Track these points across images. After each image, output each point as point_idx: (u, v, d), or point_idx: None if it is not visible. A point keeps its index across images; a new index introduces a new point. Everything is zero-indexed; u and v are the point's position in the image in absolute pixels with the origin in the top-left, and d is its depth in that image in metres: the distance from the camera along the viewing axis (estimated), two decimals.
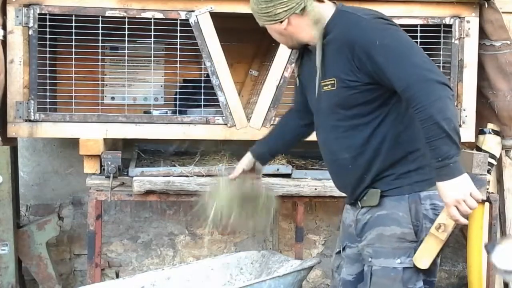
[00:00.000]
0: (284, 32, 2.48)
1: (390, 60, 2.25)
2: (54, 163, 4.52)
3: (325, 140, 2.55)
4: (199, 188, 3.55)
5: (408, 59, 2.25)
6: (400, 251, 2.38)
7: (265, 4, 2.44)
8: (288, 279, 2.98)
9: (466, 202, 2.19)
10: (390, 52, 2.26)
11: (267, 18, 2.47)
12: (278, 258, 3.35)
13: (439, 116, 2.16)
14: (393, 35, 2.32)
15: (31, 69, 3.57)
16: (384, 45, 2.27)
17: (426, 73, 2.22)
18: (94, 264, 3.65)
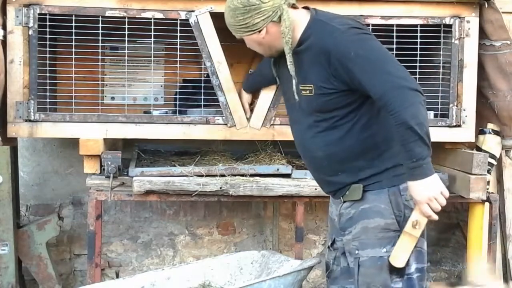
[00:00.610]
0: (262, 41, 2.56)
1: (365, 70, 2.37)
2: (54, 163, 4.52)
3: (301, 137, 2.66)
4: (199, 188, 3.55)
5: (382, 68, 2.37)
6: (385, 240, 2.49)
7: (242, 16, 2.51)
8: (288, 279, 2.97)
9: (438, 200, 2.36)
10: (365, 62, 2.38)
11: (245, 30, 2.55)
12: (278, 258, 3.35)
13: (412, 121, 2.29)
14: (367, 45, 2.43)
15: (31, 69, 3.57)
16: (359, 56, 2.38)
17: (399, 81, 2.34)
18: (94, 264, 3.65)
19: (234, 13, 2.52)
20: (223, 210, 4.59)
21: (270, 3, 2.47)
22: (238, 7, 2.50)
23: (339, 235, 2.67)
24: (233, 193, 3.59)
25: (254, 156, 3.99)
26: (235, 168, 3.71)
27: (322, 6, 3.67)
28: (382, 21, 3.73)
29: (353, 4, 3.71)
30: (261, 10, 2.47)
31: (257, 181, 3.62)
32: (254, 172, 3.71)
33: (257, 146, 4.05)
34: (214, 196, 3.65)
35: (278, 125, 3.75)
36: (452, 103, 3.76)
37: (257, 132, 3.73)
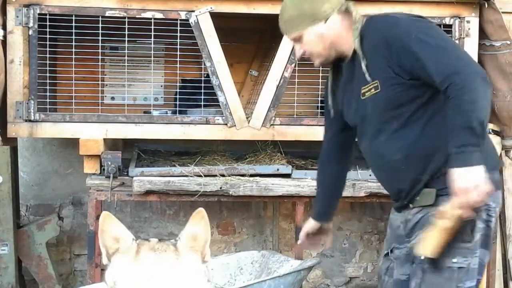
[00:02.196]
0: (325, 35, 2.42)
1: (427, 52, 2.24)
2: (54, 163, 4.52)
3: (372, 145, 2.48)
4: (199, 188, 3.55)
5: (445, 51, 2.24)
6: (455, 250, 2.33)
7: (307, 4, 2.39)
8: (288, 279, 2.97)
9: (474, 194, 2.14)
10: (427, 44, 2.25)
11: (310, 18, 2.40)
12: (278, 258, 3.35)
13: (469, 106, 2.14)
14: (428, 28, 2.31)
15: (31, 69, 3.57)
16: (420, 38, 2.25)
17: (463, 65, 2.20)
18: (94, 264, 3.65)
19: (299, 1, 2.40)
20: (223, 210, 4.59)
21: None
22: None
23: (403, 242, 2.51)
24: (233, 193, 3.59)
25: (254, 156, 3.99)
26: (235, 168, 3.71)
27: None
28: None
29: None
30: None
31: (257, 181, 3.62)
32: (254, 172, 3.71)
33: (257, 146, 4.05)
34: (214, 196, 3.65)
35: (278, 125, 3.75)
36: None
37: (257, 132, 3.73)
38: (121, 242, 1.67)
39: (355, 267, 4.73)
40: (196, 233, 1.70)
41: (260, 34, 4.40)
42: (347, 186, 3.63)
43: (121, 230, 1.70)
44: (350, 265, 4.73)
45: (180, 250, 1.66)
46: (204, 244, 1.69)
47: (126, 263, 1.63)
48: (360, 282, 4.75)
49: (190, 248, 1.67)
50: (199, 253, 1.68)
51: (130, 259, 1.63)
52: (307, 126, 3.77)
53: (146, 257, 1.63)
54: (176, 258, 1.63)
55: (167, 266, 1.61)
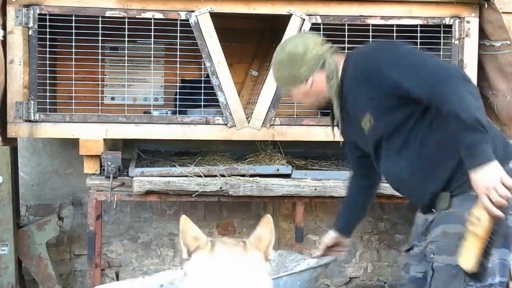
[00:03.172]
0: (310, 91, 2.57)
1: (404, 75, 2.34)
2: (54, 163, 4.52)
3: (386, 168, 2.58)
4: (199, 188, 3.55)
5: (419, 68, 2.34)
6: None
7: (288, 68, 2.54)
8: (305, 275, 2.99)
9: (497, 190, 2.14)
10: (401, 67, 2.36)
11: (292, 82, 2.57)
12: (295, 257, 3.37)
13: (459, 108, 2.20)
14: (399, 51, 2.43)
15: (31, 69, 3.57)
16: (393, 63, 2.37)
17: (438, 74, 2.29)
18: (94, 264, 3.65)
19: (280, 66, 2.57)
20: (223, 210, 4.59)
21: (314, 52, 2.51)
22: (283, 59, 2.55)
23: (420, 240, 2.56)
24: (233, 193, 3.59)
25: (254, 156, 3.99)
26: (235, 169, 3.71)
27: (323, 7, 3.69)
28: (382, 21, 3.73)
29: (353, 4, 3.71)
30: (306, 59, 2.51)
31: (257, 181, 3.62)
32: (254, 172, 3.71)
33: (257, 146, 4.05)
34: (214, 196, 3.65)
35: (278, 125, 3.75)
36: None
37: (257, 132, 3.73)
38: (200, 241, 1.93)
39: (355, 267, 4.73)
40: (262, 235, 1.97)
41: (260, 34, 4.40)
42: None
43: (198, 231, 1.94)
44: (350, 265, 4.72)
45: (248, 247, 1.93)
46: (267, 245, 1.96)
47: (205, 257, 1.90)
48: (360, 282, 4.75)
49: (256, 246, 1.94)
50: (263, 252, 1.95)
51: (207, 253, 1.90)
52: (307, 126, 3.77)
53: (220, 250, 1.90)
54: (243, 252, 1.90)
55: (237, 258, 1.88)
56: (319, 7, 3.70)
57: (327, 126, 3.71)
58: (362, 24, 3.73)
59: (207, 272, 1.86)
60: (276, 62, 2.59)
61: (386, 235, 4.72)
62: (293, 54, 2.52)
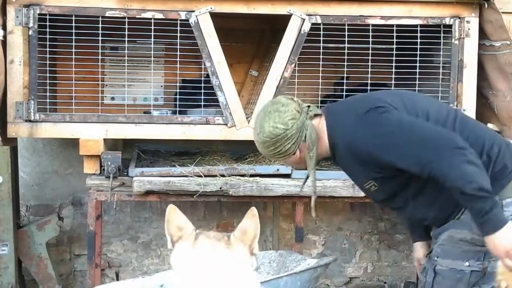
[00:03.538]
0: (299, 160, 2.55)
1: (394, 154, 2.32)
2: (54, 163, 4.52)
3: (407, 215, 2.63)
4: (199, 188, 3.55)
5: (408, 145, 2.30)
6: (470, 254, 2.39)
7: (273, 147, 2.50)
8: (305, 276, 2.99)
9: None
10: (389, 148, 2.32)
11: (280, 156, 2.55)
12: (295, 257, 3.37)
13: (460, 183, 2.22)
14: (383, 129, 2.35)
15: (31, 69, 3.57)
16: (379, 144, 2.33)
17: (431, 151, 2.27)
18: (94, 264, 3.65)
19: (264, 146, 2.54)
20: (223, 210, 4.59)
21: (295, 127, 2.47)
22: (265, 140, 2.50)
23: (434, 243, 2.59)
24: (233, 193, 3.59)
25: (254, 156, 3.99)
26: (235, 168, 3.71)
27: (323, 7, 3.69)
28: (382, 21, 3.73)
29: (353, 4, 3.71)
30: (289, 136, 2.47)
31: (257, 181, 3.62)
32: (254, 172, 3.71)
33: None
34: (214, 196, 3.65)
35: None
36: (452, 103, 3.75)
37: None
38: (184, 230, 1.93)
39: (355, 267, 4.73)
40: (247, 228, 1.92)
41: (260, 34, 4.40)
42: (347, 186, 3.65)
43: (183, 221, 1.95)
44: (350, 265, 4.72)
45: (232, 241, 1.90)
46: (252, 238, 1.92)
47: (186, 248, 1.89)
48: (360, 282, 4.75)
49: (241, 240, 1.91)
50: (248, 246, 1.92)
51: (189, 245, 1.89)
52: None
53: (203, 243, 1.89)
54: (227, 247, 1.88)
55: (219, 252, 1.86)
56: (319, 7, 3.70)
57: None
58: (362, 24, 3.73)
59: (188, 266, 1.85)
60: (259, 143, 2.54)
61: (386, 235, 4.72)
62: (275, 135, 2.47)
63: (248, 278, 1.91)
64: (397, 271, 4.72)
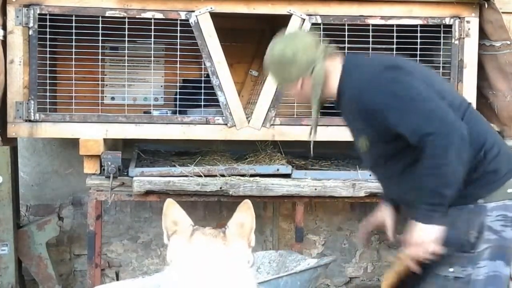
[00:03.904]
0: (299, 92, 2.52)
1: (397, 116, 2.28)
2: (54, 163, 4.52)
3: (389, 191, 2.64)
4: (199, 188, 3.55)
5: (414, 111, 2.27)
6: (454, 259, 2.35)
7: (277, 68, 2.50)
8: (305, 276, 2.99)
9: (420, 249, 2.30)
10: (395, 109, 2.29)
11: (281, 80, 2.54)
12: (295, 257, 3.37)
13: (438, 171, 2.23)
14: (396, 90, 2.31)
15: (31, 69, 3.57)
16: (387, 104, 2.29)
17: (436, 124, 2.24)
18: (94, 264, 3.65)
19: (270, 64, 2.53)
20: (223, 210, 4.59)
21: (304, 58, 2.44)
22: (274, 59, 2.50)
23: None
24: (233, 193, 3.59)
25: (254, 156, 3.99)
26: (235, 168, 3.71)
27: (323, 7, 3.69)
28: (382, 21, 3.73)
29: (353, 4, 3.71)
30: (295, 64, 2.45)
31: (257, 181, 3.62)
32: (254, 172, 3.71)
33: (257, 146, 4.05)
34: (214, 196, 3.65)
35: (278, 125, 3.75)
36: None
37: (257, 132, 3.73)
38: (179, 225, 1.93)
39: (355, 267, 4.73)
40: (243, 221, 1.94)
41: (260, 34, 4.40)
42: (347, 186, 3.65)
43: (180, 216, 1.96)
44: (350, 265, 4.73)
45: (228, 237, 1.89)
46: (249, 231, 1.94)
47: (180, 244, 1.88)
48: (360, 282, 4.75)
49: (238, 234, 1.91)
50: (246, 239, 1.92)
51: (184, 240, 1.88)
52: (307, 126, 3.75)
53: (198, 239, 1.87)
54: (223, 243, 1.87)
55: (214, 249, 1.85)
56: (319, 7, 3.70)
57: (327, 126, 3.74)
58: (362, 24, 3.73)
59: (183, 262, 1.84)
60: (267, 59, 2.54)
61: (386, 235, 4.71)
62: (282, 56, 2.46)
63: (244, 275, 1.88)
64: None
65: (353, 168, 3.89)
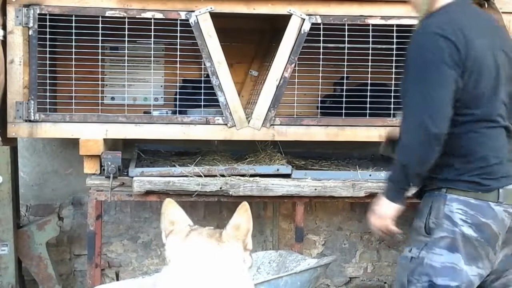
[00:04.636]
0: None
1: (407, 79, 2.42)
2: (54, 163, 4.52)
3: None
4: (199, 188, 3.55)
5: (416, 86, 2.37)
6: (414, 242, 2.49)
7: None
8: (305, 276, 3.00)
9: (376, 221, 2.53)
10: (409, 80, 2.41)
11: None
12: (295, 257, 3.37)
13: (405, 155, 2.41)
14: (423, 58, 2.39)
15: (31, 69, 3.57)
16: (409, 72, 2.42)
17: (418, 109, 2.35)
18: (94, 264, 3.65)
19: None
20: (223, 210, 4.59)
21: None
22: None
23: None
24: (233, 193, 3.59)
25: (254, 156, 3.99)
26: (235, 169, 3.71)
27: (323, 7, 3.69)
28: (382, 21, 3.73)
29: (353, 4, 3.71)
30: None
31: (257, 181, 3.62)
32: (254, 172, 3.71)
33: (257, 146, 4.05)
34: (214, 196, 3.65)
35: (278, 125, 3.75)
36: None
37: (257, 132, 3.73)
38: (176, 225, 1.93)
39: (355, 267, 4.73)
40: (239, 223, 1.91)
41: (260, 34, 4.40)
42: (347, 186, 3.65)
43: (178, 215, 1.97)
44: (350, 265, 4.72)
45: (224, 238, 1.88)
46: (246, 233, 1.91)
47: (175, 244, 1.89)
48: (360, 282, 4.75)
49: (233, 236, 1.89)
50: (241, 241, 1.90)
51: (179, 240, 1.89)
52: (307, 126, 3.77)
53: (192, 240, 1.88)
54: (218, 244, 1.86)
55: (207, 249, 1.85)
56: (319, 7, 3.70)
57: (327, 126, 3.74)
58: (362, 24, 3.73)
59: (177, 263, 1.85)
60: None
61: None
62: None
63: (239, 277, 1.88)
64: None
65: (353, 168, 3.89)
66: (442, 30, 2.35)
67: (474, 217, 2.37)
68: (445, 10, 2.45)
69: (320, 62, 3.71)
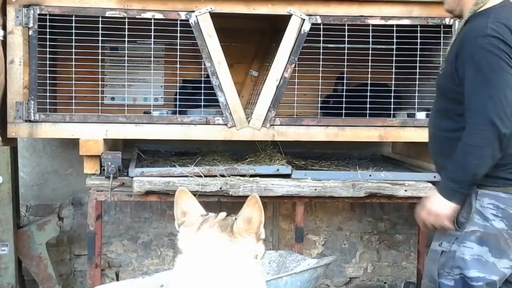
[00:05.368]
0: None
1: (471, 82, 2.43)
2: (54, 163, 4.52)
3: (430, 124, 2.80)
4: (199, 189, 3.55)
5: (480, 87, 2.41)
6: (444, 236, 2.54)
7: None
8: (305, 276, 2.99)
9: (430, 218, 2.52)
10: (474, 76, 2.42)
11: None
12: (295, 257, 3.37)
13: (471, 155, 2.41)
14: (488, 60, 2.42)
15: (31, 70, 3.57)
16: (474, 67, 2.42)
17: (491, 113, 2.38)
18: (94, 264, 3.65)
19: None
20: (223, 210, 4.53)
21: None
22: None
23: None
24: (233, 193, 3.59)
25: (254, 157, 3.99)
26: (235, 169, 3.71)
27: (323, 7, 3.69)
28: (382, 21, 3.73)
29: (353, 4, 3.71)
30: None
31: (257, 182, 3.61)
32: (254, 172, 3.71)
33: (257, 146, 4.05)
34: (214, 196, 3.65)
35: (278, 125, 3.75)
36: None
37: (257, 133, 3.73)
38: (187, 216, 1.94)
39: (355, 267, 4.73)
40: (251, 216, 1.91)
41: (260, 34, 4.40)
42: (347, 186, 3.65)
43: (190, 205, 1.96)
44: (350, 265, 4.73)
45: (235, 232, 1.89)
46: (258, 225, 1.91)
47: (188, 236, 1.90)
48: (360, 282, 4.75)
49: (245, 230, 1.90)
50: (254, 233, 1.90)
51: (191, 233, 1.90)
52: (307, 126, 3.77)
53: (204, 234, 1.89)
54: (229, 240, 1.87)
55: (219, 245, 1.86)
56: (319, 7, 3.70)
57: (327, 126, 3.75)
58: (362, 24, 3.73)
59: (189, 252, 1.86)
60: None
61: (386, 235, 4.73)
62: None
63: (249, 273, 1.88)
64: (397, 271, 4.73)
65: (353, 168, 3.89)
66: (498, 33, 2.41)
67: (505, 211, 2.44)
68: (495, 11, 2.50)
69: (320, 62, 3.71)
